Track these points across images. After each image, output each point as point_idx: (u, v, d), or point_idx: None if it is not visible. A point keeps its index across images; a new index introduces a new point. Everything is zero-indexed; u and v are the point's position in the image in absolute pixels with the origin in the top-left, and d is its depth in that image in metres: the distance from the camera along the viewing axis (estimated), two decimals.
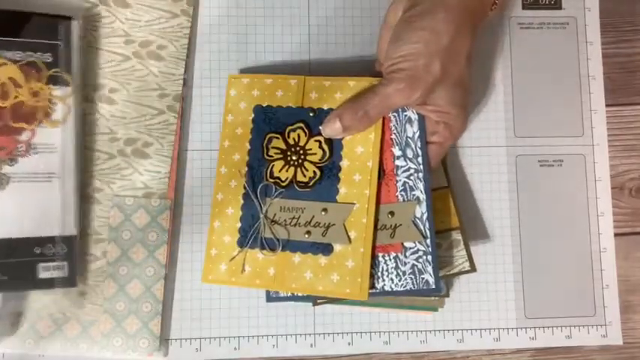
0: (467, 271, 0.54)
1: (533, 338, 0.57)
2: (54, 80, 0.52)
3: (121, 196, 0.55)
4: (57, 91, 0.53)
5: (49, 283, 0.51)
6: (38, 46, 0.52)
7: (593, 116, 0.59)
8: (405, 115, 0.52)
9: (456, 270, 0.54)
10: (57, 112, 0.52)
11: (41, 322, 0.53)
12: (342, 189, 0.52)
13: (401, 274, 0.51)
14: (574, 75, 0.59)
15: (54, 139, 0.52)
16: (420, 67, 0.48)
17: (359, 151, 0.52)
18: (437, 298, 0.53)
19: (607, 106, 0.59)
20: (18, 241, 0.51)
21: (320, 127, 0.52)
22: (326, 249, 0.51)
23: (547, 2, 0.60)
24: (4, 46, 0.52)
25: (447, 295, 0.54)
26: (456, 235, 0.54)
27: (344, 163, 0.52)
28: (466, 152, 0.58)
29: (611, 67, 0.60)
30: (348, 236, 0.51)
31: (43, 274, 0.51)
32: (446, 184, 0.55)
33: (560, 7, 0.60)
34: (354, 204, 0.52)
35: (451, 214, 0.54)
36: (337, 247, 0.51)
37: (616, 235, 0.58)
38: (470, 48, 0.50)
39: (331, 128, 0.52)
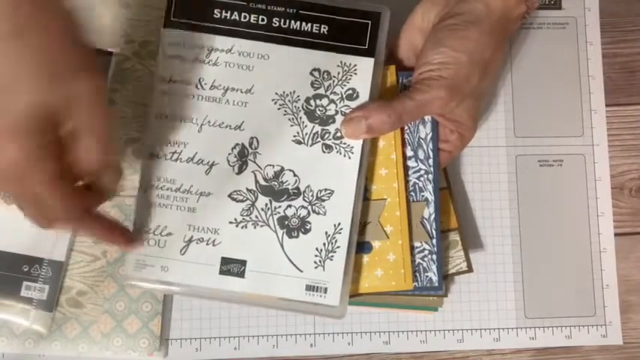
0: (464, 272, 0.54)
1: (533, 338, 0.57)
2: None
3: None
4: None
5: (28, 302, 0.53)
6: None
7: (593, 116, 0.59)
8: None
9: (453, 270, 0.54)
10: None
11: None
12: (372, 185, 0.52)
13: None
14: (574, 75, 0.59)
15: None
16: (461, 77, 0.48)
17: (381, 145, 0.52)
18: (435, 297, 0.53)
19: (607, 106, 0.59)
20: (12, 255, 0.53)
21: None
22: (366, 247, 0.52)
23: (547, 2, 0.60)
24: None
25: (446, 295, 0.54)
26: (454, 236, 0.54)
27: (369, 159, 0.52)
28: (466, 152, 0.58)
29: (611, 67, 0.60)
30: (385, 232, 0.51)
31: (24, 293, 0.53)
32: (445, 184, 0.55)
33: (560, 7, 0.60)
34: (385, 199, 0.52)
35: (450, 214, 0.54)
36: (376, 244, 0.51)
37: (616, 235, 0.58)
38: (501, 63, 0.50)
39: (354, 128, 0.49)
